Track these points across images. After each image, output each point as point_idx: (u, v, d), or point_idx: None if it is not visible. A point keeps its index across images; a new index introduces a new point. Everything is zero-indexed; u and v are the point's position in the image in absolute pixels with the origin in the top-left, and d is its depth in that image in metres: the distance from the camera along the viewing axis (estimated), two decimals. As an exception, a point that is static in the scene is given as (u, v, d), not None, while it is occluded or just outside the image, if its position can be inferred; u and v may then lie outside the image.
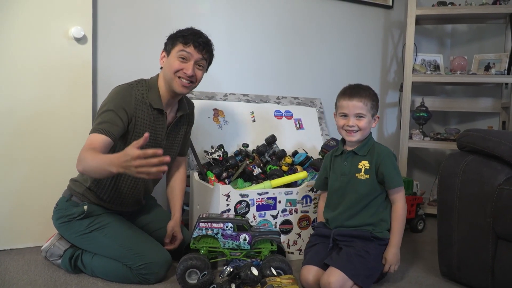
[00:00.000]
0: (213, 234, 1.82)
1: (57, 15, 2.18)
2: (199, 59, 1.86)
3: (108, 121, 1.72)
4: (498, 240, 1.72)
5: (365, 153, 1.84)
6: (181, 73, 1.84)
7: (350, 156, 1.87)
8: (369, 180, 1.81)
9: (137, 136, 1.80)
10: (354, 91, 1.83)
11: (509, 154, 1.72)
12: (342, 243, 1.79)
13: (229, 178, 2.24)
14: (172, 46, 1.85)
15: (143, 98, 1.84)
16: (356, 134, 1.82)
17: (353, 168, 1.84)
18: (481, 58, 3.18)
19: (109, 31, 2.40)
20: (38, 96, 2.17)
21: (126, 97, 1.80)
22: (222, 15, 2.76)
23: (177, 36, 1.86)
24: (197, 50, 1.84)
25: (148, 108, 1.85)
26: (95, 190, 1.85)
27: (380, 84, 3.42)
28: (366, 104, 1.81)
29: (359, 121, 1.81)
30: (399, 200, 1.83)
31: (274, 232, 1.91)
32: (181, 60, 1.84)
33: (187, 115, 2.06)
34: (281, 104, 2.83)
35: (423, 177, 3.59)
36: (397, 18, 3.44)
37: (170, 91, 1.89)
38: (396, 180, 1.80)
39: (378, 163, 1.81)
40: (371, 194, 1.82)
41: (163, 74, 1.89)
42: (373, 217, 1.82)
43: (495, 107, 3.31)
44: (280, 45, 2.99)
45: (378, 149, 1.85)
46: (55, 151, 2.21)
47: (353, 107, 1.81)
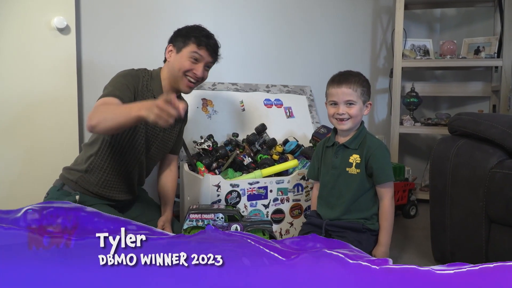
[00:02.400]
0: (204, 225, 1.80)
1: (39, 5, 2.13)
2: (209, 61, 1.88)
3: (119, 89, 1.70)
4: (491, 224, 1.71)
5: (356, 146, 1.77)
6: (190, 73, 1.83)
7: (341, 149, 1.80)
8: (360, 174, 1.75)
9: None
10: (343, 78, 1.77)
11: (501, 137, 1.71)
12: (335, 233, 1.76)
13: (219, 168, 2.22)
14: (184, 45, 1.83)
15: (148, 85, 1.84)
16: (347, 122, 1.76)
17: (343, 162, 1.78)
18: (470, 42, 3.17)
19: (93, 21, 2.35)
20: (21, 89, 2.12)
21: (135, 78, 1.80)
22: (209, 4, 2.72)
23: (189, 35, 1.84)
24: (209, 53, 1.85)
25: (150, 96, 1.83)
26: (92, 172, 1.82)
27: (370, 71, 3.40)
28: (355, 90, 1.74)
29: (350, 108, 1.74)
30: (385, 197, 1.75)
31: (265, 221, 1.89)
32: (192, 61, 1.83)
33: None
34: (271, 93, 2.81)
35: (414, 162, 3.59)
36: (386, 3, 3.41)
37: (172, 87, 1.88)
38: (385, 175, 1.73)
39: (368, 157, 1.74)
40: (362, 189, 1.76)
41: (169, 69, 1.87)
42: (365, 212, 1.77)
43: (485, 91, 3.30)
44: (269, 33, 2.95)
45: (370, 142, 1.78)
46: (41, 143, 2.17)
47: (342, 94, 1.74)
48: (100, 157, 1.81)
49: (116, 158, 1.85)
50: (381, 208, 1.77)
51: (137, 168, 1.91)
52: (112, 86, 1.73)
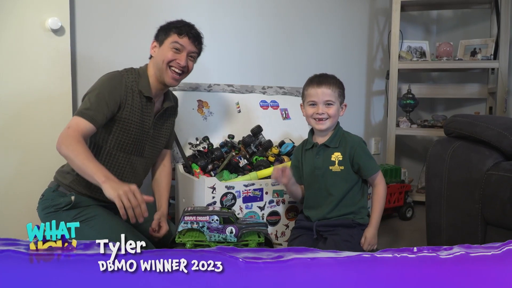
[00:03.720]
0: (199, 228, 1.79)
1: (33, 6, 2.11)
2: (192, 51, 1.88)
3: (95, 108, 1.70)
4: (487, 226, 1.71)
5: (337, 144, 1.82)
6: (174, 63, 1.84)
7: (322, 149, 1.84)
8: (344, 171, 1.79)
9: (124, 122, 1.80)
10: (322, 79, 1.83)
11: (497, 139, 1.71)
12: (326, 233, 1.78)
13: (215, 170, 2.21)
14: (166, 37, 1.85)
15: (133, 86, 1.83)
16: (326, 122, 1.80)
17: (326, 161, 1.82)
18: (467, 43, 3.17)
19: (87, 22, 2.34)
20: (15, 89, 2.11)
21: (117, 84, 1.79)
22: (205, 5, 2.71)
23: (170, 27, 1.86)
24: (191, 41, 1.86)
25: (138, 95, 1.83)
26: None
27: (366, 72, 3.40)
28: (334, 91, 1.80)
29: (329, 108, 1.80)
30: (379, 183, 1.82)
31: (261, 223, 1.88)
32: (174, 51, 1.84)
33: (172, 108, 2.05)
34: (267, 94, 2.79)
35: (411, 164, 3.59)
36: (382, 5, 3.41)
37: (159, 82, 1.88)
38: (372, 167, 1.80)
39: (352, 154, 1.79)
40: (348, 184, 1.80)
41: (154, 64, 1.88)
42: (353, 206, 1.81)
43: (482, 92, 3.30)
44: (265, 35, 2.95)
45: (349, 139, 1.83)
46: (35, 143, 2.16)
47: (322, 94, 1.79)
48: None
49: (106, 160, 1.84)
50: (375, 193, 1.82)
51: (129, 169, 1.90)
52: (90, 101, 1.72)
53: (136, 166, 1.92)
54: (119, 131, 1.81)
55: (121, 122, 1.80)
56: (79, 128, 1.66)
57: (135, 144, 1.86)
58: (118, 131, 1.81)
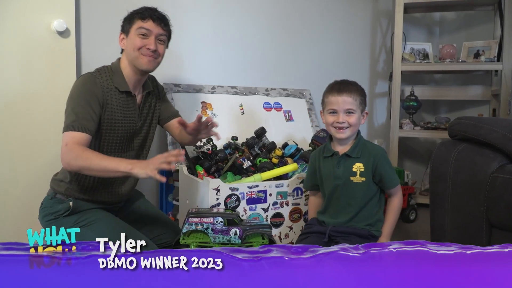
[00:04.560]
0: (203, 229, 1.79)
1: (39, 8, 2.13)
2: (159, 33, 1.83)
3: (83, 116, 1.68)
4: (492, 228, 1.70)
5: (358, 154, 1.76)
6: (143, 49, 1.80)
7: (343, 159, 1.78)
8: (365, 182, 1.75)
9: (109, 124, 1.78)
10: (343, 86, 1.76)
11: (501, 141, 1.70)
12: (338, 238, 1.75)
13: (219, 171, 2.21)
14: (130, 25, 1.82)
15: (108, 84, 1.80)
16: (346, 131, 1.75)
17: (347, 171, 1.76)
18: (470, 45, 3.17)
19: (92, 24, 2.35)
20: (21, 91, 2.12)
21: (93, 86, 1.75)
22: (208, 7, 2.71)
23: (133, 14, 1.83)
24: (156, 24, 1.82)
25: (116, 93, 1.80)
26: (78, 181, 1.81)
27: (369, 74, 3.40)
28: (355, 99, 1.74)
29: (349, 117, 1.74)
30: (397, 195, 1.80)
31: (265, 225, 1.88)
32: (142, 37, 1.80)
33: (152, 92, 2.00)
34: (270, 96, 2.80)
35: (414, 166, 3.58)
36: (385, 7, 3.42)
37: (135, 72, 1.84)
38: (394, 179, 1.78)
39: (375, 165, 1.74)
40: (367, 196, 1.76)
41: (126, 56, 1.85)
42: (370, 218, 1.77)
43: (485, 94, 3.30)
44: (268, 37, 2.95)
45: (372, 149, 1.78)
46: (40, 145, 2.17)
47: (342, 102, 1.73)
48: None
49: None
50: (391, 203, 1.80)
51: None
52: (75, 112, 1.69)
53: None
54: (105, 133, 1.79)
55: (105, 124, 1.77)
56: (76, 141, 1.63)
57: (124, 141, 1.84)
58: (105, 133, 1.79)
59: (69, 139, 1.64)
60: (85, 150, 1.61)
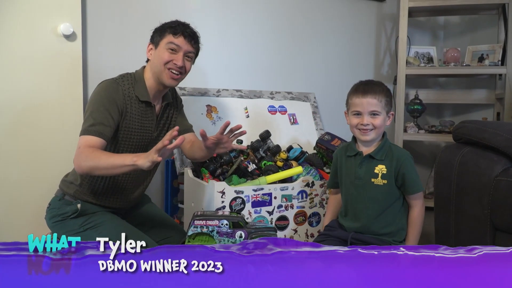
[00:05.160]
0: (209, 232, 1.80)
1: (45, 12, 2.15)
2: (188, 50, 1.84)
3: (101, 122, 1.69)
4: (496, 231, 1.71)
5: (383, 157, 1.71)
6: (171, 64, 1.80)
7: (366, 160, 1.74)
8: (386, 185, 1.70)
9: (126, 131, 1.79)
10: (368, 87, 1.71)
11: (506, 144, 1.71)
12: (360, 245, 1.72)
13: (224, 174, 2.22)
14: (161, 38, 1.82)
15: (130, 93, 1.80)
16: (371, 133, 1.69)
17: (368, 173, 1.72)
18: (474, 49, 3.17)
19: (99, 27, 2.37)
20: (27, 94, 2.14)
21: (115, 93, 1.76)
22: (214, 11, 2.73)
23: (165, 27, 1.83)
24: (187, 41, 1.82)
25: (136, 101, 1.81)
26: (89, 184, 1.82)
27: (373, 78, 3.40)
28: (380, 101, 1.68)
29: (374, 119, 1.68)
30: (417, 205, 1.72)
31: (270, 228, 1.88)
32: (170, 52, 1.80)
33: (172, 103, 2.01)
34: (275, 99, 2.81)
35: (418, 170, 3.50)
36: (390, 11, 3.42)
37: (158, 84, 1.85)
38: (417, 184, 1.71)
39: (398, 167, 1.69)
40: (388, 200, 1.71)
41: (151, 67, 1.86)
42: (391, 226, 1.71)
43: (489, 98, 3.30)
44: (273, 40, 2.96)
45: (397, 152, 1.73)
46: (47, 148, 2.19)
47: (367, 104, 1.68)
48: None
49: None
50: (412, 216, 1.73)
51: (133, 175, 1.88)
52: (92, 116, 1.69)
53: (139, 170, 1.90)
54: (121, 140, 1.80)
55: (122, 131, 1.79)
56: (90, 145, 1.64)
57: (138, 150, 1.84)
58: (121, 141, 1.80)
59: (83, 143, 1.65)
60: (94, 151, 1.61)
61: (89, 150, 1.62)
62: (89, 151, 1.61)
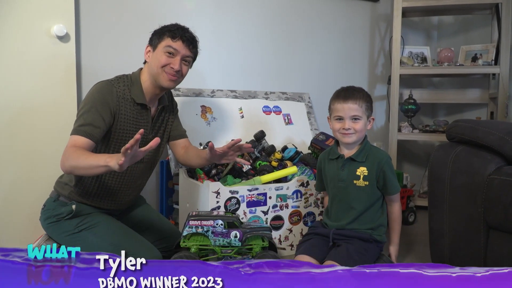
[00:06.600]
0: (203, 232, 1.80)
1: (39, 13, 2.14)
2: (186, 55, 1.84)
3: (90, 122, 1.68)
4: (489, 230, 1.71)
5: (363, 159, 1.80)
6: (168, 68, 1.80)
7: (348, 162, 1.82)
8: (368, 187, 1.78)
9: (119, 133, 1.78)
10: (348, 93, 1.80)
11: (499, 143, 1.71)
12: (341, 241, 1.77)
13: (219, 175, 2.22)
14: (159, 41, 1.82)
15: (125, 94, 1.80)
16: (352, 136, 1.78)
17: (350, 175, 1.80)
18: (468, 49, 3.19)
19: (92, 29, 2.36)
20: (20, 96, 2.13)
21: (108, 95, 1.75)
22: (208, 11, 2.73)
23: (164, 31, 1.83)
24: (185, 45, 1.82)
25: (131, 103, 1.81)
26: (83, 186, 1.82)
27: (368, 78, 3.42)
28: (361, 106, 1.77)
29: (355, 123, 1.77)
30: (396, 202, 1.86)
31: (265, 228, 1.89)
32: (168, 55, 1.80)
33: (167, 106, 2.01)
34: (270, 100, 2.81)
35: (412, 169, 3.60)
36: (384, 11, 3.44)
37: (155, 86, 1.85)
38: (396, 186, 1.82)
39: (379, 170, 1.78)
40: (370, 200, 1.80)
41: (148, 69, 1.85)
42: (372, 222, 1.81)
43: (483, 98, 3.32)
44: (267, 41, 2.97)
45: (377, 154, 1.81)
46: (40, 149, 2.18)
47: (348, 109, 1.77)
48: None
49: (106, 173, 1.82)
50: (392, 212, 1.86)
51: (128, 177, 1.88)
52: (83, 117, 1.69)
53: (135, 173, 1.90)
54: (115, 143, 1.79)
55: (116, 133, 1.78)
56: (77, 145, 1.64)
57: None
58: (114, 143, 1.79)
59: (70, 143, 1.65)
60: (76, 150, 1.60)
61: (72, 149, 1.61)
62: (72, 151, 1.61)
